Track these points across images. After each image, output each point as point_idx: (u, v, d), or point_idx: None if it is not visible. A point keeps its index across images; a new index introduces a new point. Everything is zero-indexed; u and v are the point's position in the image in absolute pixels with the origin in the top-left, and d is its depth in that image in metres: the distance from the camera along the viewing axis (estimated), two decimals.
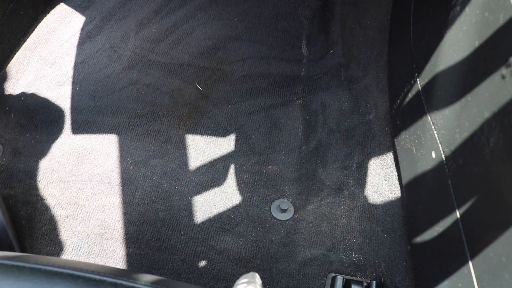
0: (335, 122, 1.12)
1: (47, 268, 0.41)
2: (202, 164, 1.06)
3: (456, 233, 0.67)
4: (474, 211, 0.63)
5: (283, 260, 0.94)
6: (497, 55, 0.58)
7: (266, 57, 1.24)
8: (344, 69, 1.21)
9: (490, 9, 0.61)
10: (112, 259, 0.95)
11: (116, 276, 0.42)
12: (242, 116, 1.13)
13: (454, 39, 0.72)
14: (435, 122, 0.78)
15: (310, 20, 1.32)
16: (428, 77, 0.82)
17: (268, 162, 1.06)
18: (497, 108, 0.57)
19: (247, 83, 1.19)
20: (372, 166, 1.05)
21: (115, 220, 0.99)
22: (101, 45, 1.25)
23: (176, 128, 1.11)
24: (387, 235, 0.96)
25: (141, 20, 1.30)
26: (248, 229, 0.98)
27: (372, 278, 0.92)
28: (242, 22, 1.31)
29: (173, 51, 1.24)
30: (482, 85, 0.62)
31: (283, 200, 1.01)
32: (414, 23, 0.95)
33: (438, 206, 0.75)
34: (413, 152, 0.88)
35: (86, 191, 1.02)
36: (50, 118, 1.12)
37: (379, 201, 1.00)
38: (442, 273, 0.71)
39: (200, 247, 0.96)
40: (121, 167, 1.05)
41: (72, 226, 0.99)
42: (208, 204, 1.01)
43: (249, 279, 0.52)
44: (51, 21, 1.30)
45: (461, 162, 0.68)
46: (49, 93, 1.16)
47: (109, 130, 1.10)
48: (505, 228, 0.54)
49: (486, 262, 0.58)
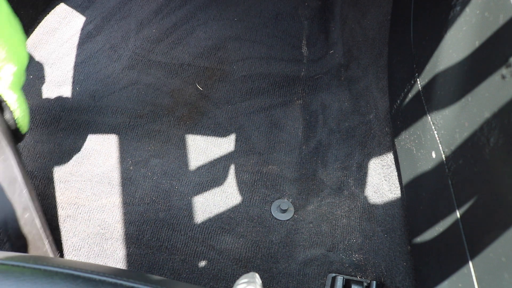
0: (335, 122, 1.12)
1: (47, 268, 0.41)
2: (202, 164, 1.06)
3: (456, 233, 0.67)
4: (474, 211, 0.63)
5: (283, 260, 0.94)
6: (497, 55, 0.58)
7: (266, 57, 1.24)
8: (344, 69, 1.21)
9: (490, 9, 0.61)
10: (112, 259, 0.95)
11: (116, 276, 0.42)
12: (242, 116, 1.13)
13: (454, 39, 0.72)
14: (435, 122, 0.78)
15: (310, 20, 1.32)
16: (428, 77, 0.82)
17: (268, 162, 1.06)
18: (497, 108, 0.57)
19: (247, 83, 1.19)
20: (372, 166, 1.05)
21: (115, 220, 0.99)
22: (101, 45, 1.25)
23: (176, 128, 1.11)
24: (387, 235, 0.96)
25: (141, 20, 1.30)
26: (248, 229, 0.98)
27: (372, 278, 0.92)
28: (242, 22, 1.31)
29: (173, 51, 1.24)
30: (482, 85, 0.62)
31: (283, 200, 1.01)
32: (414, 23, 0.95)
33: (438, 206, 0.75)
34: (413, 152, 0.88)
35: (86, 191, 1.02)
36: (50, 118, 1.12)
37: (379, 201, 1.00)
38: (442, 273, 0.71)
39: (200, 247, 0.96)
40: (121, 167, 1.05)
41: (72, 226, 0.99)
42: (208, 204, 1.01)
43: (249, 279, 0.52)
44: (51, 21, 1.30)
45: (461, 162, 0.68)
46: (49, 93, 1.16)
47: (109, 130, 1.10)
48: (505, 228, 0.54)
49: (486, 262, 0.58)
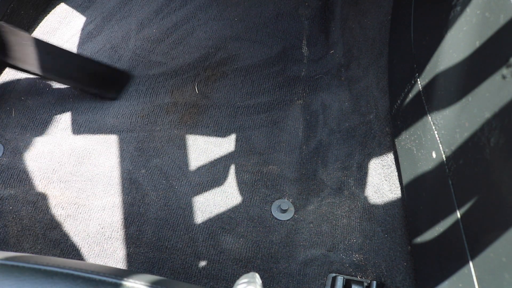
0: (336, 122, 1.12)
1: (47, 268, 0.41)
2: (202, 164, 1.06)
3: (456, 233, 0.67)
4: (474, 211, 0.63)
5: (284, 260, 0.94)
6: (498, 55, 0.58)
7: (266, 57, 1.24)
8: (344, 69, 1.21)
9: (490, 9, 0.61)
10: (112, 259, 0.95)
11: (116, 276, 0.42)
12: (242, 116, 1.13)
13: (455, 39, 0.72)
14: (435, 122, 0.78)
15: (311, 20, 1.32)
16: (429, 77, 0.82)
17: (268, 162, 1.06)
18: (498, 108, 0.57)
19: (247, 83, 1.19)
20: (373, 166, 1.05)
21: (115, 220, 0.99)
22: (101, 45, 1.25)
23: (176, 128, 1.11)
24: (387, 235, 0.96)
25: (141, 20, 1.30)
26: (248, 229, 0.98)
27: (373, 278, 0.92)
28: (242, 22, 1.31)
29: (173, 51, 1.24)
30: (483, 85, 0.62)
31: (284, 200, 1.01)
32: (414, 23, 0.95)
33: (439, 206, 0.75)
34: (413, 152, 0.88)
35: (86, 191, 1.02)
36: (50, 118, 1.12)
37: (379, 201, 1.00)
38: (443, 273, 0.71)
39: (200, 247, 0.96)
40: (121, 167, 1.05)
41: (72, 226, 0.99)
42: (208, 204, 1.01)
43: (249, 279, 0.52)
44: (52, 21, 1.30)
45: (461, 162, 0.68)
46: (49, 93, 1.16)
47: (109, 130, 1.10)
48: (505, 228, 0.54)
49: (487, 262, 0.58)
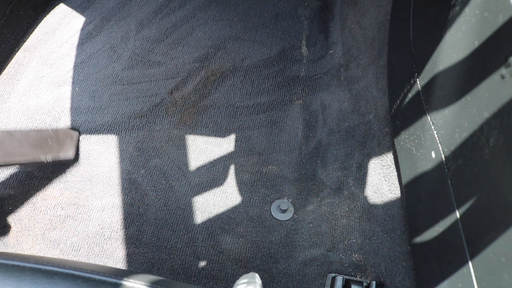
0: (335, 122, 1.12)
1: (47, 268, 0.41)
2: (202, 164, 1.06)
3: (455, 233, 0.67)
4: (473, 211, 0.63)
5: (283, 260, 0.94)
6: (497, 55, 0.58)
7: (266, 57, 1.24)
8: (344, 69, 1.21)
9: (489, 9, 0.61)
10: (112, 259, 0.95)
11: (116, 276, 0.42)
12: (242, 116, 1.13)
13: (454, 39, 0.72)
14: (434, 122, 0.78)
15: (310, 20, 1.32)
16: (428, 77, 0.82)
17: (268, 162, 1.06)
18: (497, 108, 0.57)
19: (247, 83, 1.19)
20: (372, 166, 1.05)
21: (115, 220, 0.99)
22: (101, 45, 1.25)
23: (176, 128, 1.11)
24: (387, 235, 0.96)
25: (141, 21, 1.30)
26: (248, 229, 0.98)
27: (372, 278, 0.92)
28: (242, 22, 1.31)
29: (173, 51, 1.24)
30: (482, 85, 0.62)
31: (283, 200, 1.01)
32: (413, 23, 0.95)
33: (438, 206, 0.75)
34: (412, 152, 0.88)
35: (86, 191, 1.02)
36: (50, 118, 1.12)
37: (379, 201, 1.00)
38: (442, 273, 0.71)
39: (200, 247, 0.96)
40: (121, 167, 1.05)
41: (72, 226, 0.99)
42: (208, 204, 1.01)
43: (249, 279, 0.52)
44: (51, 22, 1.30)
45: (460, 162, 0.68)
46: (49, 93, 1.16)
47: (109, 130, 1.10)
48: (504, 228, 0.54)
49: (486, 262, 0.58)
